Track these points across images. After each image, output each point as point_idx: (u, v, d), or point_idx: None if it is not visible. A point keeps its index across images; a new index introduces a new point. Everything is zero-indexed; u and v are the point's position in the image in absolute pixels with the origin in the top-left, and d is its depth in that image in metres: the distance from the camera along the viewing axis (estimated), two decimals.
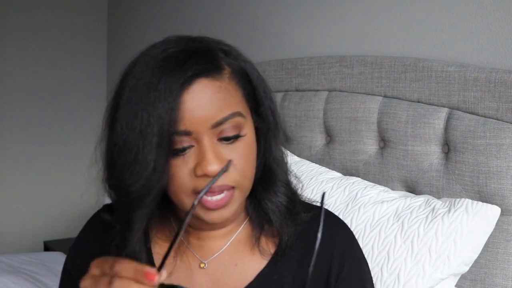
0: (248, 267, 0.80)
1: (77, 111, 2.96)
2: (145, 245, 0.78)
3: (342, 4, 1.63)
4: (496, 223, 1.10)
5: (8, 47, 2.77)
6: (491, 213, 1.08)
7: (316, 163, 1.51)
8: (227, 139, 0.71)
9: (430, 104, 1.27)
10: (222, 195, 0.71)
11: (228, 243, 0.81)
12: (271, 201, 0.79)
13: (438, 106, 1.26)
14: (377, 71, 1.41)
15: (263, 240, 0.81)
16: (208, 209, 0.71)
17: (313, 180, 1.35)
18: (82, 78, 2.98)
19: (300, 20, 1.79)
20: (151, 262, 0.80)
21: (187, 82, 0.68)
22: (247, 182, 0.74)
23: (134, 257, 0.74)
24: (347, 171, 1.46)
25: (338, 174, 1.41)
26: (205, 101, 0.69)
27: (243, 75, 0.75)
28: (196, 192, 0.70)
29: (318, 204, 0.84)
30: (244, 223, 0.83)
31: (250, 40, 1.99)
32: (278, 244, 0.80)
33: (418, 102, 1.30)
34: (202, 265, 0.80)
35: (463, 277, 1.15)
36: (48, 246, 2.62)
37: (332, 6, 1.67)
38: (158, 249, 0.82)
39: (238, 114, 0.72)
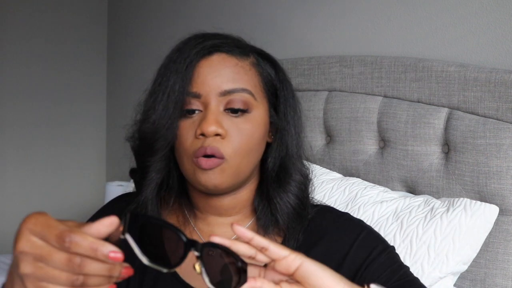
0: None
1: (77, 112, 2.96)
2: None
3: (342, 4, 1.63)
4: (496, 223, 1.11)
5: (8, 48, 2.76)
6: (489, 212, 1.08)
7: (316, 163, 1.51)
8: (233, 111, 0.76)
9: (430, 104, 1.27)
10: (212, 158, 0.75)
11: (234, 237, 0.82)
12: (281, 198, 0.80)
13: (438, 106, 1.26)
14: (377, 71, 1.41)
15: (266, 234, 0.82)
16: (202, 169, 0.74)
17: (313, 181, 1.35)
18: (82, 78, 2.97)
19: (300, 20, 1.79)
20: None
21: (206, 51, 0.77)
22: (238, 160, 0.76)
23: (145, 204, 0.79)
24: (347, 171, 1.46)
25: (339, 175, 1.41)
26: (219, 70, 0.76)
27: (266, 71, 0.81)
28: (195, 156, 0.74)
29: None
30: (251, 221, 0.84)
31: (250, 40, 1.99)
32: (281, 243, 0.80)
33: (418, 102, 1.30)
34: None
35: (463, 277, 1.15)
36: None
37: (332, 6, 1.66)
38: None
39: (248, 91, 0.77)
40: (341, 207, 1.23)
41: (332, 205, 1.24)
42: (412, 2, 1.42)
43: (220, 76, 0.76)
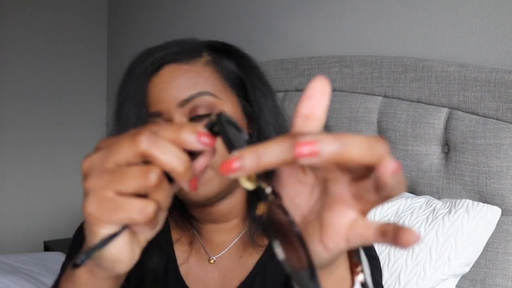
0: (250, 258, 0.81)
1: (77, 112, 2.96)
2: (169, 245, 0.81)
3: (342, 4, 1.63)
4: (496, 223, 1.11)
5: (8, 48, 2.76)
6: (491, 213, 1.08)
7: None
8: (199, 118, 0.73)
9: (430, 104, 1.27)
10: None
11: (236, 239, 0.82)
12: None
13: (438, 106, 1.25)
14: (377, 71, 1.41)
15: (258, 235, 0.81)
16: None
17: None
18: (82, 78, 2.98)
19: (300, 20, 1.79)
20: (173, 259, 0.81)
21: (155, 68, 0.74)
22: None
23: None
24: None
25: None
26: (172, 83, 0.74)
27: (224, 65, 0.79)
28: None
29: None
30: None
31: (250, 40, 1.99)
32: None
33: (418, 102, 1.30)
34: (211, 261, 0.82)
35: (463, 277, 1.15)
36: (48, 246, 2.62)
37: (332, 6, 1.66)
38: (180, 247, 0.84)
39: (207, 93, 0.74)
40: None
41: None
42: (412, 2, 1.42)
43: (174, 88, 0.73)
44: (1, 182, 2.79)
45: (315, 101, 0.35)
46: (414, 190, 1.30)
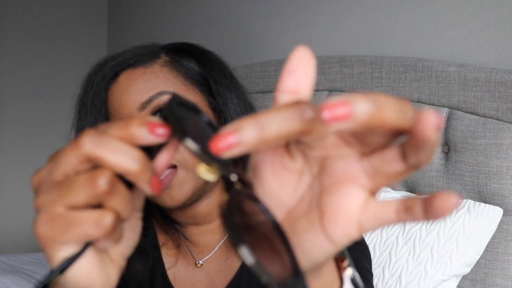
0: (236, 259, 0.81)
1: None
2: (156, 250, 0.80)
3: (342, 4, 1.63)
4: (497, 224, 1.11)
5: (8, 48, 2.76)
6: (493, 214, 1.08)
7: None
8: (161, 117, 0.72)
9: (430, 104, 1.27)
10: (163, 175, 0.70)
11: (222, 241, 0.82)
12: None
13: (438, 106, 1.26)
14: (377, 71, 1.41)
15: None
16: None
17: None
18: (82, 78, 2.98)
19: (300, 20, 1.79)
20: (160, 264, 0.81)
21: (112, 75, 0.75)
22: (191, 162, 0.72)
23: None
24: None
25: None
26: (129, 87, 0.74)
27: (183, 64, 0.78)
28: None
29: None
30: None
31: (250, 40, 1.99)
32: None
33: (418, 102, 1.30)
34: (198, 265, 0.81)
35: (463, 277, 1.15)
36: None
37: (332, 7, 1.67)
38: (167, 251, 0.83)
39: (167, 92, 0.74)
40: None
41: None
42: (412, 2, 1.42)
43: (132, 92, 0.73)
44: (1, 182, 2.79)
45: (299, 75, 0.29)
46: (414, 190, 1.30)
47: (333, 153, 0.29)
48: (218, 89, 0.79)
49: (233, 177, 0.29)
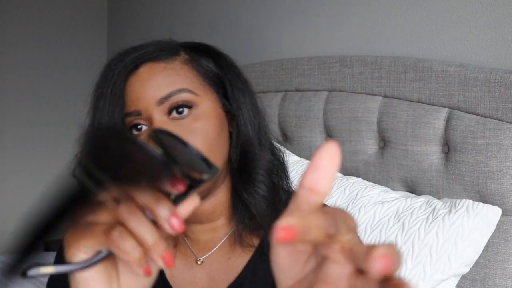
0: (240, 259, 0.80)
1: (77, 112, 2.95)
2: None
3: (342, 4, 1.63)
4: (496, 223, 1.11)
5: (8, 48, 2.76)
6: (492, 213, 1.08)
7: None
8: (177, 111, 0.73)
9: (430, 104, 1.27)
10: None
11: (224, 239, 0.81)
12: (248, 191, 0.77)
13: (438, 106, 1.25)
14: (377, 71, 1.41)
15: (246, 235, 0.80)
16: None
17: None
18: (82, 78, 2.97)
19: (300, 20, 1.79)
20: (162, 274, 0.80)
21: (133, 66, 0.75)
22: None
23: None
24: (347, 171, 1.46)
25: (339, 174, 1.41)
26: (149, 80, 0.74)
27: (202, 63, 0.79)
28: None
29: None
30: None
31: (250, 40, 1.99)
32: (263, 236, 0.79)
33: (418, 102, 1.30)
34: (199, 262, 0.81)
35: (463, 277, 1.15)
36: (48, 246, 2.62)
37: (332, 7, 1.66)
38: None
39: (186, 90, 0.74)
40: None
41: (332, 206, 1.25)
42: (412, 2, 1.42)
43: (152, 86, 0.73)
44: (1, 182, 2.79)
45: (321, 175, 0.33)
46: (414, 190, 1.30)
47: (333, 256, 0.33)
48: (233, 92, 0.79)
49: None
